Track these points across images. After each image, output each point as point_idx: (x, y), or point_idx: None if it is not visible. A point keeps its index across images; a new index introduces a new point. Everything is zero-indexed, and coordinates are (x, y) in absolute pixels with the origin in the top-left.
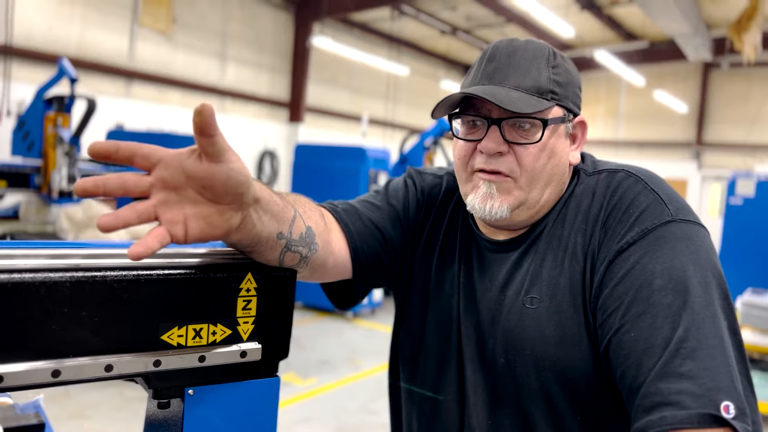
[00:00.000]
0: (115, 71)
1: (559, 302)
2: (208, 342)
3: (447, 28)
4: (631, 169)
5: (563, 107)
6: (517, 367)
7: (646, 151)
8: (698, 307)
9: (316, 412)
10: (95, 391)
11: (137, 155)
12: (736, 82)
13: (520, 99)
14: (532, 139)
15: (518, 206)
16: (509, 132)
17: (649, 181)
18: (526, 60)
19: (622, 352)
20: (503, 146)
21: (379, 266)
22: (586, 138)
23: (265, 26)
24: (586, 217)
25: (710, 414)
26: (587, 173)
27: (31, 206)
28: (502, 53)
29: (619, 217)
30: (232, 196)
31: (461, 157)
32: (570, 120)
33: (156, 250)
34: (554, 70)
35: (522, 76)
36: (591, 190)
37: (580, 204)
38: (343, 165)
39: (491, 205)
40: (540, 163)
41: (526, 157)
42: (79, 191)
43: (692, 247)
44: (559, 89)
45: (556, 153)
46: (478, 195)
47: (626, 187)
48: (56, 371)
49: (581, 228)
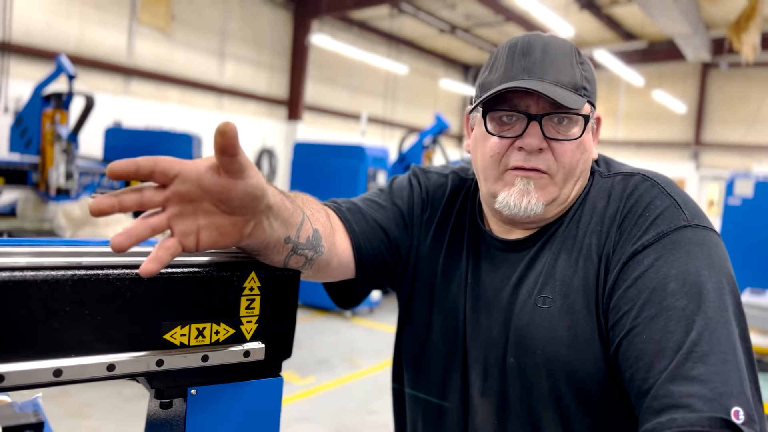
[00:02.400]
0: (114, 68)
1: (572, 303)
2: (211, 341)
3: (446, 27)
4: (647, 173)
5: (590, 103)
6: (528, 367)
7: (644, 150)
8: (712, 312)
9: (314, 411)
10: (93, 389)
11: (156, 171)
12: (735, 83)
13: (566, 95)
14: (570, 135)
15: (552, 202)
16: (548, 128)
17: (665, 185)
18: (561, 56)
19: (633, 353)
20: (544, 142)
21: (382, 267)
22: (599, 133)
23: (264, 24)
24: (602, 218)
25: (721, 418)
26: (602, 175)
27: (28, 203)
28: (536, 48)
29: (635, 220)
30: (248, 209)
31: (495, 154)
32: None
33: (168, 263)
34: (582, 67)
35: (560, 72)
36: (607, 193)
37: (595, 205)
38: (341, 163)
39: (527, 201)
40: (576, 159)
41: (565, 153)
42: (95, 212)
43: (707, 253)
44: (588, 86)
45: (587, 149)
46: (513, 192)
47: (642, 191)
48: (58, 371)
49: (596, 229)
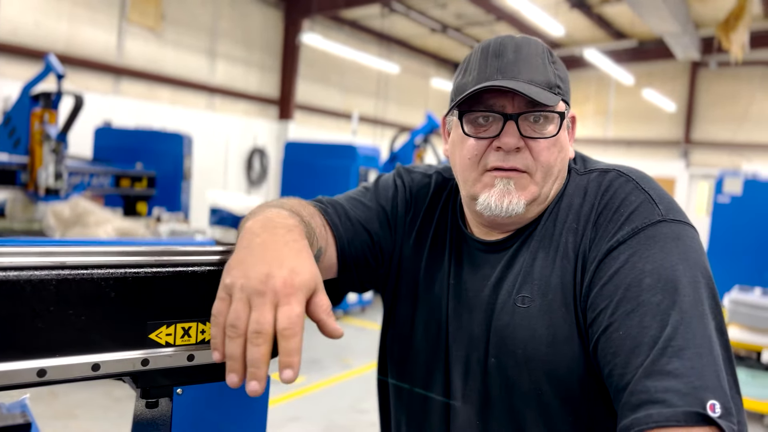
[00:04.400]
0: (104, 68)
1: (551, 301)
2: (197, 341)
3: (437, 26)
4: (623, 168)
5: (565, 102)
6: (509, 367)
7: (634, 149)
8: (687, 306)
9: (305, 411)
10: (83, 390)
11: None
12: (724, 82)
13: (541, 93)
14: (547, 133)
15: (533, 201)
16: (524, 127)
17: (640, 180)
18: (533, 56)
19: (611, 350)
20: (521, 141)
21: (365, 267)
22: (575, 132)
23: (255, 23)
24: (578, 216)
25: (696, 412)
26: (579, 172)
27: (17, 204)
28: (508, 49)
29: (610, 216)
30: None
31: (473, 156)
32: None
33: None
34: (555, 66)
35: (533, 71)
36: (582, 190)
37: (571, 203)
38: (333, 163)
39: (509, 201)
40: (553, 157)
41: (542, 151)
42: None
43: (682, 247)
44: (562, 84)
45: (564, 147)
46: (493, 193)
47: (617, 187)
48: (42, 371)
49: (572, 227)
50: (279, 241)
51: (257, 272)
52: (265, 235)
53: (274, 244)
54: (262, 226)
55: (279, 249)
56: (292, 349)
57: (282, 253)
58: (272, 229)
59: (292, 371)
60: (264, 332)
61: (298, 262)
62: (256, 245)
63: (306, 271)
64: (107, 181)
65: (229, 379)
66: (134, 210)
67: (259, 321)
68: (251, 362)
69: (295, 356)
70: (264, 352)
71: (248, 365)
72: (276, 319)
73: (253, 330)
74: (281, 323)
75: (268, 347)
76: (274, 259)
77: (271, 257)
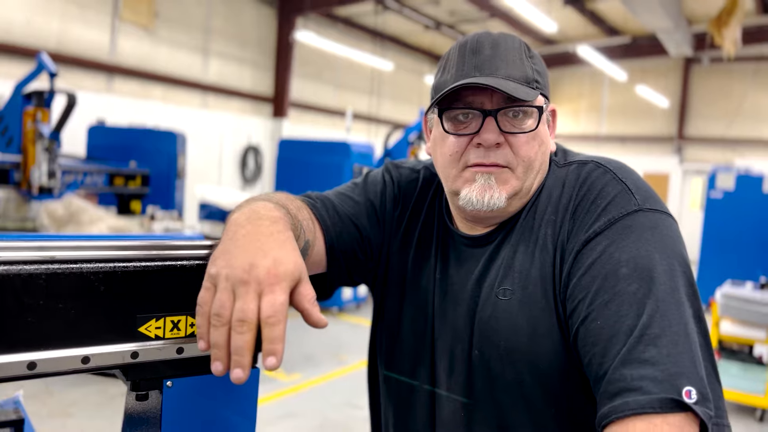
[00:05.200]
0: (97, 66)
1: (531, 294)
2: (187, 334)
3: (431, 23)
4: (601, 160)
5: (543, 96)
6: (492, 359)
7: (628, 145)
8: (663, 294)
9: (300, 407)
10: (78, 388)
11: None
12: (717, 77)
13: (519, 88)
14: (526, 128)
15: (514, 195)
16: (503, 122)
17: (617, 171)
18: (510, 51)
19: (589, 340)
20: (501, 137)
21: (354, 262)
22: (556, 125)
23: (249, 21)
24: (556, 208)
25: (671, 399)
26: (558, 165)
27: (10, 203)
28: (485, 45)
29: (587, 208)
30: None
31: (453, 153)
32: (547, 108)
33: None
34: (532, 61)
35: (510, 67)
36: (561, 182)
37: (551, 195)
38: (327, 160)
39: (490, 196)
40: (533, 151)
41: (522, 146)
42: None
43: (658, 236)
44: (540, 79)
45: (544, 140)
46: (474, 188)
47: (594, 178)
48: (32, 364)
49: (551, 219)
50: (263, 232)
51: (241, 262)
52: (249, 227)
53: (259, 235)
54: (247, 218)
55: (263, 240)
56: (276, 337)
57: (266, 244)
58: (257, 221)
59: (276, 358)
60: (248, 320)
61: (281, 253)
62: (241, 236)
63: (290, 261)
64: (101, 180)
65: (214, 367)
66: (128, 208)
67: (243, 309)
68: (235, 350)
69: (279, 344)
70: (248, 339)
71: (232, 353)
72: (260, 308)
73: (237, 318)
74: (265, 311)
75: (252, 335)
76: (258, 249)
77: (255, 248)
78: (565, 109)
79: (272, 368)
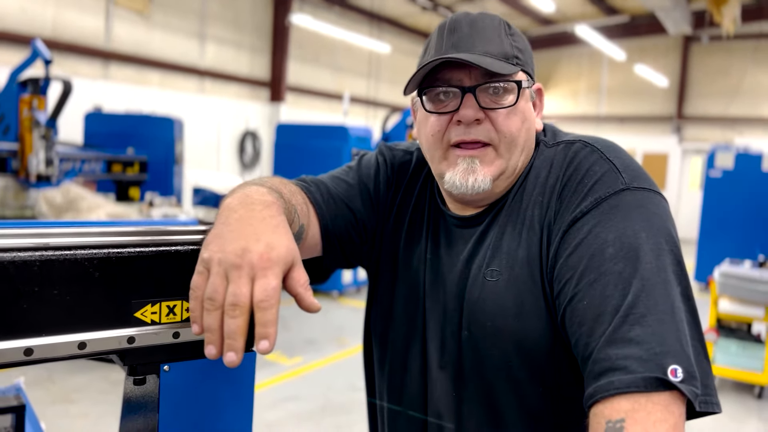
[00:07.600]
0: (92, 52)
1: (518, 275)
2: (182, 318)
3: (428, 4)
4: (588, 139)
5: (526, 72)
6: (480, 339)
7: (627, 125)
8: (649, 273)
9: (302, 390)
10: (80, 374)
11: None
12: (716, 56)
13: (495, 62)
14: (507, 103)
15: (499, 175)
16: (483, 99)
17: (605, 150)
18: (488, 29)
19: (576, 320)
20: (480, 113)
21: (349, 244)
22: (543, 105)
23: (245, 5)
24: (543, 188)
25: (656, 377)
26: (547, 145)
27: (8, 191)
28: (462, 24)
29: (574, 188)
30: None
31: (435, 132)
32: (531, 86)
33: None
34: (513, 38)
35: (488, 44)
36: (549, 162)
37: (538, 176)
38: (325, 144)
39: (474, 179)
40: (515, 127)
41: (503, 121)
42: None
43: (645, 214)
44: (521, 55)
45: (528, 117)
46: (457, 171)
47: (582, 158)
48: (29, 350)
49: (538, 200)
50: (256, 216)
51: (234, 246)
52: (242, 211)
53: (251, 219)
54: (240, 202)
55: (256, 224)
56: (268, 321)
57: (259, 228)
58: (249, 205)
59: (268, 342)
60: (240, 304)
61: (274, 237)
62: (234, 220)
63: (282, 246)
64: (99, 167)
65: (207, 350)
66: (127, 195)
67: (236, 294)
68: (228, 334)
69: (271, 327)
70: (240, 323)
71: (225, 337)
72: (252, 292)
73: (230, 302)
74: (257, 295)
75: (244, 319)
76: (251, 233)
77: (248, 232)
78: (563, 89)
79: (265, 352)
